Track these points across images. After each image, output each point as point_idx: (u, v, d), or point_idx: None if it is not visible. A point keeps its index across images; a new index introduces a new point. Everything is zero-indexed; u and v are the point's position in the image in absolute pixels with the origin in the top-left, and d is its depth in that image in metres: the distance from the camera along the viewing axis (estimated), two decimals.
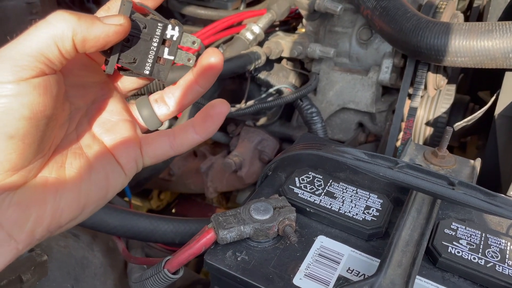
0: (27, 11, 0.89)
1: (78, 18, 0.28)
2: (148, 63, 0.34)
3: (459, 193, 0.43)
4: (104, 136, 0.37)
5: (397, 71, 0.92)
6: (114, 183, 0.36)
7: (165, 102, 0.39)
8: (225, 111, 0.37)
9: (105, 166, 0.35)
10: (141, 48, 0.34)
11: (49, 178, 0.32)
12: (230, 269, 0.43)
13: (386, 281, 0.39)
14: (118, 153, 0.37)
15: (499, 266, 0.42)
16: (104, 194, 0.35)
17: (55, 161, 0.33)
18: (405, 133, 0.84)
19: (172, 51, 0.35)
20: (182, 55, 0.36)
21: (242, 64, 0.89)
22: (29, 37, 0.27)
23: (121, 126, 0.37)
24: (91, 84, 0.36)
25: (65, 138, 0.34)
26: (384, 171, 0.46)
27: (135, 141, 0.38)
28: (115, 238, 0.66)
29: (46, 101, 0.28)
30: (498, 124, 0.74)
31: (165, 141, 0.38)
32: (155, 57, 0.34)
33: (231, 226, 0.44)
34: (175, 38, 0.34)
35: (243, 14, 1.06)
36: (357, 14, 0.95)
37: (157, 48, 0.34)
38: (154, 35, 0.34)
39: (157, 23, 0.33)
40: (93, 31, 0.29)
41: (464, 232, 0.45)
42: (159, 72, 0.35)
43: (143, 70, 0.34)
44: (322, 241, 0.46)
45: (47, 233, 0.32)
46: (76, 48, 0.29)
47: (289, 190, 0.50)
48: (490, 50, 0.70)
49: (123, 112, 0.38)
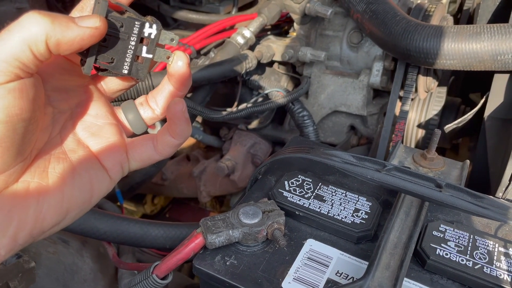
0: (17, 16, 0.88)
1: (51, 21, 0.27)
2: (127, 62, 0.34)
3: (446, 195, 0.43)
4: (89, 140, 0.36)
5: (387, 74, 0.92)
6: (99, 188, 0.36)
7: (149, 105, 0.39)
8: (179, 109, 0.36)
9: (89, 170, 0.35)
10: (118, 48, 0.33)
11: (31, 183, 0.31)
12: (219, 273, 0.42)
13: (374, 284, 0.39)
14: (103, 157, 0.36)
15: (487, 267, 0.42)
16: (88, 198, 0.35)
17: (38, 165, 0.32)
18: (396, 135, 0.84)
19: (150, 49, 0.34)
20: (160, 53, 0.35)
21: (233, 68, 0.89)
22: (1, 41, 0.27)
23: (107, 130, 0.37)
24: (74, 87, 0.36)
25: (49, 142, 0.34)
26: (372, 174, 0.46)
27: (120, 145, 0.37)
28: (106, 243, 0.65)
29: (22, 104, 0.28)
30: (488, 126, 0.75)
31: (150, 145, 0.38)
32: (133, 56, 0.34)
33: (219, 231, 0.44)
34: (153, 36, 0.34)
35: (235, 18, 1.06)
36: (348, 18, 0.95)
37: (135, 46, 0.33)
38: (132, 33, 0.33)
39: (134, 21, 0.33)
40: (68, 34, 0.28)
41: (452, 234, 0.45)
42: (137, 71, 0.35)
43: (122, 70, 0.34)
44: (311, 245, 0.46)
45: (30, 238, 0.31)
46: (50, 51, 0.28)
47: (279, 193, 0.50)
48: (478, 52, 0.70)
49: (108, 116, 0.38)
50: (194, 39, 1.00)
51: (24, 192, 0.31)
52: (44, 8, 1.01)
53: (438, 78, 0.94)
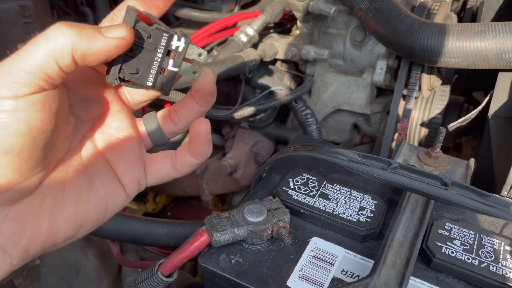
0: (20, 14, 0.88)
1: (77, 32, 0.27)
2: (152, 74, 0.33)
3: (453, 193, 0.43)
4: (109, 154, 0.36)
5: (391, 73, 0.92)
6: (114, 203, 0.35)
7: (171, 119, 0.38)
8: (204, 129, 0.35)
9: (106, 185, 0.35)
10: (144, 59, 0.32)
11: (47, 195, 0.31)
12: (224, 271, 0.42)
13: (380, 282, 0.39)
14: (121, 172, 0.36)
15: (493, 266, 0.42)
16: (102, 214, 0.35)
17: (55, 176, 0.32)
18: (400, 134, 0.84)
19: (177, 63, 0.33)
20: (187, 67, 0.34)
21: (236, 67, 0.89)
22: (28, 52, 0.26)
23: (127, 143, 0.36)
24: (97, 97, 0.35)
25: (68, 152, 0.33)
26: (378, 172, 0.46)
27: (139, 161, 0.37)
28: (109, 241, 0.65)
29: (43, 116, 0.27)
30: (492, 124, 0.75)
31: (168, 163, 0.38)
32: (159, 68, 0.33)
33: (225, 229, 0.44)
34: (180, 50, 0.33)
35: (237, 16, 1.06)
36: (351, 16, 0.95)
37: (161, 59, 0.33)
38: (159, 45, 0.32)
39: (162, 33, 0.32)
40: (94, 46, 0.27)
41: (458, 232, 0.45)
42: (162, 84, 0.34)
43: (146, 82, 0.33)
44: (316, 243, 0.46)
45: (41, 250, 0.31)
46: (76, 63, 0.28)
47: (283, 191, 0.50)
48: (483, 50, 0.70)
49: (130, 129, 0.37)
50: (196, 37, 1.00)
51: (39, 204, 0.30)
52: (47, 6, 1.01)
53: (442, 76, 0.93)
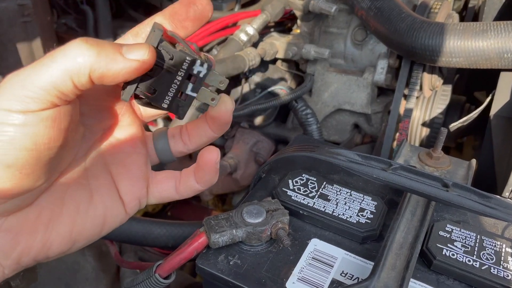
0: (19, 13, 0.88)
1: (97, 52, 0.26)
2: (168, 96, 0.31)
3: (453, 195, 0.43)
4: (114, 168, 0.35)
5: (392, 72, 0.91)
6: (112, 221, 0.35)
7: (181, 138, 0.37)
8: (214, 158, 0.35)
9: (106, 201, 0.34)
10: (163, 80, 0.31)
11: (44, 208, 0.30)
12: (222, 273, 0.42)
13: (380, 285, 0.38)
14: (123, 189, 0.35)
15: (494, 268, 0.41)
16: (99, 231, 0.34)
17: (56, 189, 0.31)
18: (401, 134, 0.83)
19: (196, 88, 0.32)
20: (206, 93, 0.32)
21: (236, 66, 0.89)
22: (43, 67, 0.25)
23: (134, 160, 0.35)
24: (109, 108, 0.34)
25: (73, 162, 0.32)
26: (378, 173, 0.45)
27: (144, 179, 0.36)
28: (108, 242, 0.65)
29: (52, 133, 0.27)
30: (494, 124, 0.74)
31: (172, 185, 0.37)
32: (176, 92, 0.31)
33: (223, 230, 0.43)
34: (201, 75, 0.31)
35: (237, 15, 1.05)
36: (352, 15, 0.94)
37: (180, 82, 0.31)
38: (180, 68, 0.31)
39: (185, 56, 0.30)
40: (113, 67, 0.26)
41: (459, 234, 0.45)
42: (178, 107, 0.32)
43: (161, 104, 0.32)
44: (316, 244, 0.45)
45: (33, 262, 0.31)
46: (92, 82, 0.27)
47: (283, 192, 0.49)
48: (484, 50, 0.69)
49: (139, 144, 0.36)
50: (196, 36, 0.99)
51: (35, 218, 0.30)
52: (46, 5, 1.00)
53: (443, 76, 0.93)
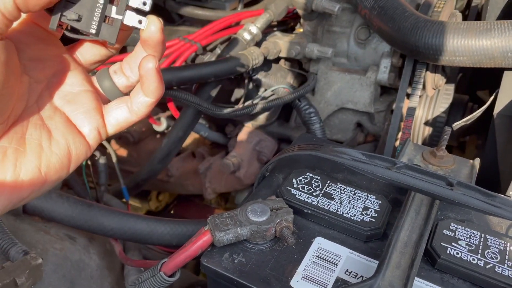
0: None
1: None
2: (94, 21, 0.32)
3: (458, 193, 0.43)
4: (66, 107, 0.37)
5: (395, 71, 0.91)
6: (77, 153, 0.37)
7: (124, 73, 0.39)
8: (151, 66, 0.35)
9: (66, 136, 0.36)
10: (86, 5, 0.32)
11: (8, 148, 0.32)
12: (227, 271, 0.42)
13: (384, 283, 0.39)
14: (80, 123, 0.37)
15: (499, 267, 0.41)
16: (66, 164, 0.36)
17: (15, 131, 0.33)
18: (404, 133, 0.83)
19: (120, 10, 0.32)
20: (132, 16, 0.33)
21: (240, 65, 0.89)
22: None
23: (83, 96, 0.38)
24: (50, 57, 0.36)
25: (26, 110, 0.34)
26: (382, 171, 0.46)
27: (97, 111, 0.38)
28: (112, 240, 0.65)
29: None
30: (497, 123, 0.74)
31: (124, 107, 0.39)
32: (101, 16, 0.32)
33: (227, 228, 0.43)
34: None
35: (241, 14, 1.05)
36: (355, 14, 0.94)
37: (103, 5, 0.32)
38: None
39: None
40: None
41: (463, 233, 0.45)
42: (107, 33, 0.33)
43: (89, 29, 0.32)
44: (320, 243, 0.46)
45: (9, 204, 0.32)
46: (19, 9, 0.28)
47: (287, 191, 0.50)
48: (488, 49, 0.69)
49: (85, 83, 0.38)
50: (200, 35, 0.99)
51: (1, 157, 0.32)
52: None
53: (446, 75, 0.93)
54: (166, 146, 0.95)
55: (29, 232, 0.59)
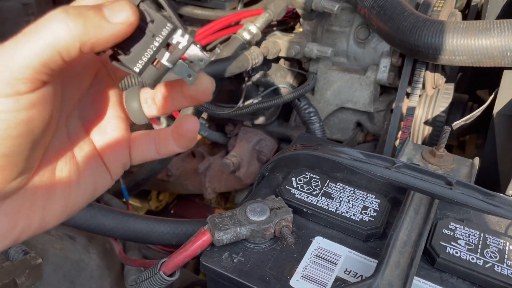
0: (23, 12, 0.88)
1: (83, 23, 0.24)
2: (142, 61, 0.30)
3: (457, 193, 0.43)
4: (95, 135, 0.35)
5: (395, 70, 0.91)
6: (100, 188, 0.35)
7: (155, 103, 0.37)
8: (194, 128, 0.34)
9: (94, 171, 0.34)
10: (140, 42, 0.30)
11: (39, 188, 0.30)
12: (226, 271, 0.42)
13: (383, 282, 0.39)
14: (107, 158, 0.35)
15: (498, 266, 0.41)
16: (89, 200, 0.34)
17: (46, 165, 0.31)
18: (403, 132, 0.83)
19: (172, 59, 0.31)
20: (183, 68, 0.31)
21: (239, 64, 0.89)
22: (28, 45, 0.24)
23: (115, 125, 0.35)
24: (84, 72, 0.33)
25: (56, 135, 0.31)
26: (381, 171, 0.46)
27: (125, 145, 0.36)
28: (112, 240, 0.65)
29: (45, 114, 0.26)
30: (497, 123, 0.74)
31: (152, 145, 0.37)
32: (151, 58, 0.30)
33: (227, 228, 0.43)
34: (180, 47, 0.30)
35: (240, 14, 1.05)
36: (355, 13, 0.94)
37: (157, 48, 0.30)
38: (159, 34, 0.29)
39: (166, 22, 0.29)
40: (102, 35, 0.25)
41: (463, 232, 0.45)
42: (150, 75, 0.31)
43: (133, 67, 0.31)
44: (319, 242, 0.46)
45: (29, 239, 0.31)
46: (82, 53, 0.26)
47: (286, 190, 0.50)
48: (488, 48, 0.69)
49: (117, 107, 0.36)
50: (199, 35, 0.99)
51: (32, 199, 0.30)
52: (50, 3, 1.00)
53: (446, 74, 0.93)
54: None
55: None
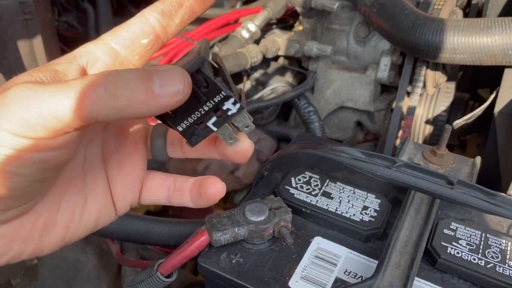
0: (20, 10, 0.88)
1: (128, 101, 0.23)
2: (187, 121, 0.30)
3: (458, 192, 0.42)
4: (111, 168, 0.33)
5: (395, 69, 0.91)
6: (102, 224, 0.33)
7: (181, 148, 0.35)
8: (219, 194, 0.33)
9: (100, 207, 0.33)
10: (189, 104, 0.28)
11: (40, 217, 0.29)
12: (224, 272, 0.42)
13: (384, 283, 0.38)
14: (117, 194, 0.33)
15: (500, 266, 0.41)
16: (89, 232, 0.33)
17: (54, 193, 0.30)
18: (404, 131, 0.83)
19: (219, 123, 0.30)
20: (226, 131, 0.31)
21: (238, 63, 0.88)
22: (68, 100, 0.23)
23: (133, 162, 0.33)
24: None
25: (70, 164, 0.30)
26: (382, 170, 0.45)
27: (138, 185, 0.34)
28: (109, 240, 0.65)
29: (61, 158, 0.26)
30: (498, 122, 0.73)
31: (165, 191, 0.35)
32: (197, 120, 0.30)
33: (225, 228, 0.43)
34: (229, 113, 0.30)
35: (239, 12, 1.05)
36: (355, 11, 0.93)
37: (206, 112, 0.29)
38: (211, 100, 0.29)
39: (221, 90, 0.28)
40: (145, 111, 0.24)
41: (464, 232, 0.44)
42: (192, 135, 0.30)
43: (177, 126, 0.30)
44: (319, 243, 0.45)
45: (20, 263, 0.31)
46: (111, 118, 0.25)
47: (285, 190, 0.49)
48: (489, 46, 0.69)
49: (140, 144, 0.34)
50: (198, 33, 0.99)
51: (30, 225, 0.29)
52: (47, 2, 1.00)
53: (447, 73, 0.92)
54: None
55: None
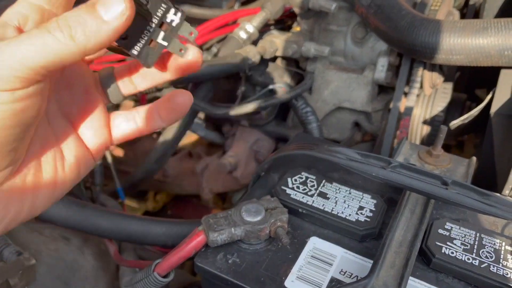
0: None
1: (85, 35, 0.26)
2: (140, 43, 0.31)
3: (453, 193, 0.43)
4: (76, 122, 0.35)
5: (392, 70, 0.91)
6: (84, 171, 0.36)
7: (132, 82, 0.37)
8: (188, 103, 0.35)
9: (78, 156, 0.35)
10: (136, 25, 0.30)
11: (27, 176, 0.31)
12: (221, 272, 0.42)
13: (378, 283, 0.38)
14: (88, 140, 0.36)
15: (494, 266, 0.41)
16: (75, 181, 0.35)
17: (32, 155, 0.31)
18: (401, 132, 0.83)
19: (167, 37, 0.32)
20: (175, 43, 0.32)
21: (235, 64, 0.88)
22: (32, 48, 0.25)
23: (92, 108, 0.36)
24: None
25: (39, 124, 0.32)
26: (377, 171, 0.45)
27: (104, 126, 0.36)
28: (107, 241, 0.65)
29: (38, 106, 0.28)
30: (494, 122, 0.74)
31: (133, 123, 0.37)
32: (148, 39, 0.31)
33: (221, 228, 0.43)
34: (174, 24, 0.31)
35: (237, 13, 1.05)
36: (352, 12, 0.94)
37: (153, 29, 0.31)
38: (155, 15, 0.31)
39: (161, 2, 0.30)
40: (100, 39, 0.26)
41: (458, 232, 0.44)
42: (147, 56, 0.32)
43: (132, 50, 0.31)
44: (315, 243, 0.45)
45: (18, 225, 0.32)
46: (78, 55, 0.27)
47: (282, 191, 0.49)
48: (485, 47, 0.69)
49: (93, 90, 0.36)
50: None
51: (21, 186, 0.31)
52: None
53: (444, 73, 0.92)
54: (162, 146, 0.95)
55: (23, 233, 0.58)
